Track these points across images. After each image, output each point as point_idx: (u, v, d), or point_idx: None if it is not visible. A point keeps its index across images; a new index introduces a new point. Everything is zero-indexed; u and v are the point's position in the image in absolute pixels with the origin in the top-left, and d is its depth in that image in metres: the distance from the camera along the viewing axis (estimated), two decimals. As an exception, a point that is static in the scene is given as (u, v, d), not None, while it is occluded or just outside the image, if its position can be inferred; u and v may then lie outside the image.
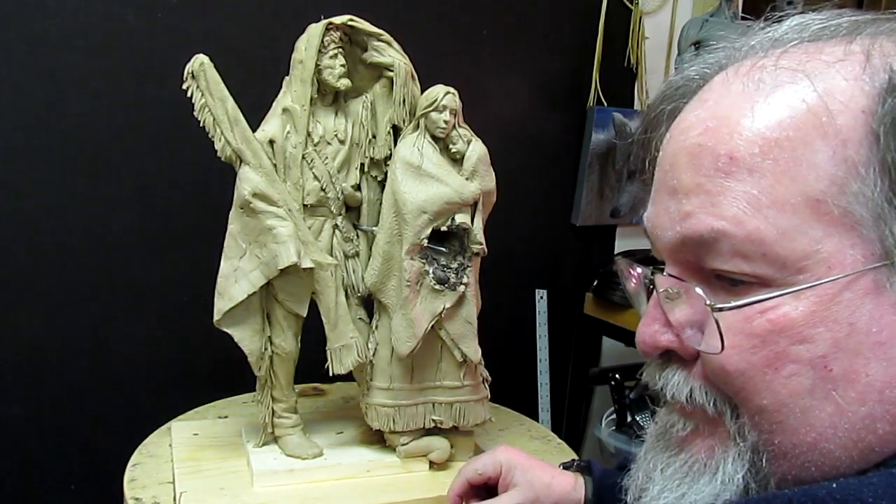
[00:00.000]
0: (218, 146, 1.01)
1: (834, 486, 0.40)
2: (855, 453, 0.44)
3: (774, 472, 0.46)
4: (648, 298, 0.54)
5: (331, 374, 1.07)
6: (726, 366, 0.46)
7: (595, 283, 1.91)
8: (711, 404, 0.48)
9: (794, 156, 0.44)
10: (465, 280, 1.08)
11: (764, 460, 0.46)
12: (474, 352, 1.11)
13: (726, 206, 0.45)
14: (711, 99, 0.49)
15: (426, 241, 1.05)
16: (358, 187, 1.09)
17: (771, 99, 0.45)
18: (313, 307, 1.07)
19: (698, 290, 0.47)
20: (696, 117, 0.49)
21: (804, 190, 0.43)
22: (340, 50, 1.04)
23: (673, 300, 0.49)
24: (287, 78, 1.05)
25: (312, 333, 1.09)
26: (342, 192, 1.07)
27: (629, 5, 1.95)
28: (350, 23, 1.04)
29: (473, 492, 0.88)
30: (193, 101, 0.99)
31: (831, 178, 0.43)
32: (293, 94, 1.03)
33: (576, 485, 0.85)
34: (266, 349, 1.07)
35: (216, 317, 1.04)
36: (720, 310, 0.46)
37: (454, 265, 1.08)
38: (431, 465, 1.13)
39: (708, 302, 0.47)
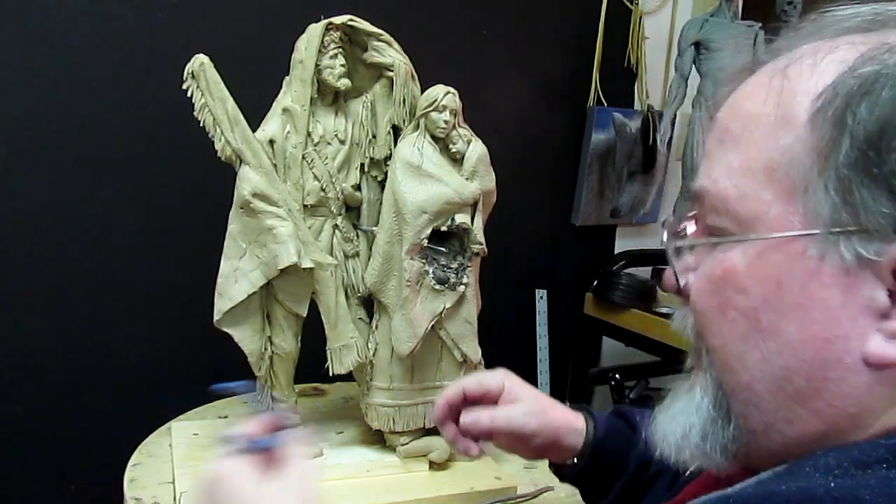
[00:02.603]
0: (218, 146, 1.01)
1: (832, 485, 0.43)
2: (780, 399, 0.49)
3: (732, 407, 0.52)
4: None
5: (331, 374, 1.07)
6: (696, 305, 0.53)
7: (595, 283, 1.91)
8: (694, 339, 0.56)
9: (765, 131, 0.49)
10: (465, 280, 1.08)
11: (721, 393, 0.53)
12: (474, 352, 1.11)
13: (714, 168, 0.52)
14: (748, 81, 0.55)
15: (426, 241, 1.05)
16: (358, 187, 1.09)
17: (765, 81, 0.51)
18: (313, 307, 1.07)
19: (686, 228, 0.56)
20: (731, 97, 0.55)
21: (765, 158, 0.49)
22: (340, 50, 1.04)
23: (684, 250, 0.57)
24: (287, 78, 1.05)
25: (312, 333, 1.09)
26: (342, 192, 1.07)
27: (629, 5, 1.95)
28: (350, 23, 1.04)
29: (467, 405, 0.84)
30: (193, 101, 0.99)
31: (786, 151, 0.48)
32: (293, 94, 1.03)
33: (577, 417, 0.85)
34: (266, 349, 1.07)
35: (216, 317, 1.04)
36: (691, 247, 0.55)
37: (454, 265, 1.08)
38: (431, 465, 1.13)
39: (678, 240, 0.56)
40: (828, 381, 0.47)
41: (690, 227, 0.58)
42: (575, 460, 0.83)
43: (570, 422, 0.84)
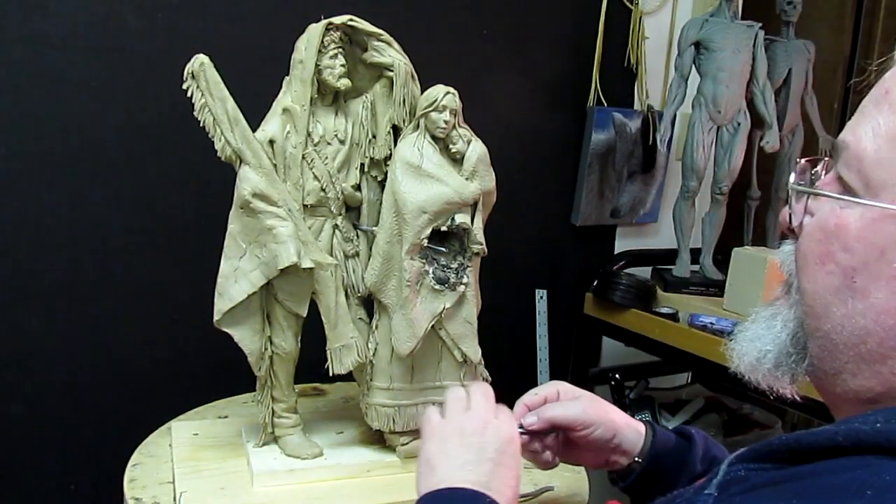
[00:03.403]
0: (218, 146, 1.01)
1: (877, 425, 0.47)
2: (852, 353, 0.52)
3: (809, 348, 0.57)
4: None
5: (331, 374, 1.07)
6: (801, 246, 0.57)
7: (595, 283, 1.91)
8: (789, 274, 0.59)
9: None
10: (465, 280, 1.08)
11: (801, 333, 0.57)
12: (474, 352, 1.11)
13: (861, 126, 0.53)
14: None
15: (426, 241, 1.05)
16: (358, 187, 1.09)
17: None
18: (313, 307, 1.07)
19: (798, 170, 0.59)
20: None
21: None
22: (340, 50, 1.04)
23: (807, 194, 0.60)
24: (287, 78, 1.05)
25: (312, 333, 1.09)
26: (342, 192, 1.07)
27: (629, 5, 1.95)
28: (350, 23, 1.04)
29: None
30: (193, 101, 0.99)
31: None
32: (293, 94, 1.03)
33: (636, 421, 0.87)
34: (266, 349, 1.07)
35: (216, 317, 1.04)
36: (802, 192, 0.58)
37: (454, 265, 1.08)
38: (431, 465, 1.13)
39: (800, 183, 0.58)
40: None
41: (821, 174, 0.59)
42: (637, 460, 0.86)
43: (628, 421, 0.87)
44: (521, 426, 0.85)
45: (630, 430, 0.86)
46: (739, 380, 0.63)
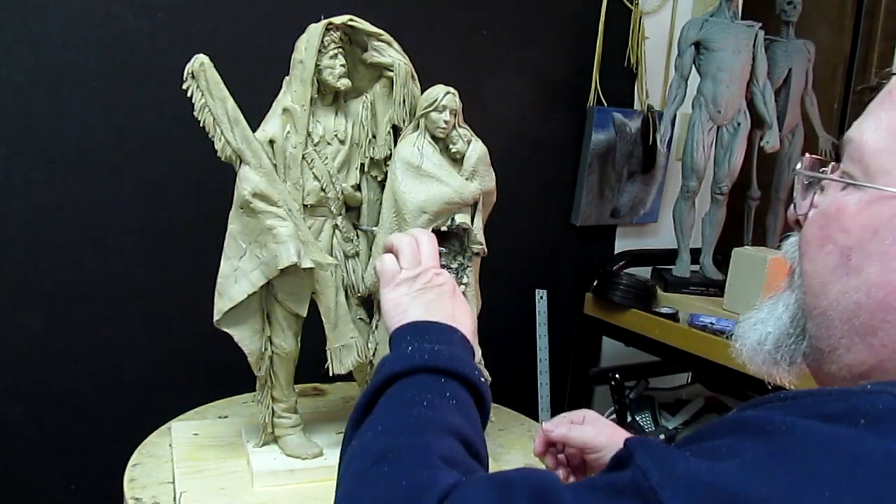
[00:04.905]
0: (218, 146, 1.01)
1: (868, 386, 0.50)
2: (846, 327, 0.56)
3: (807, 328, 0.60)
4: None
5: (331, 374, 1.07)
6: (804, 233, 0.60)
7: (595, 283, 1.91)
8: (792, 261, 0.62)
9: None
10: (465, 280, 1.08)
11: (801, 313, 0.60)
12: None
13: (864, 122, 0.57)
14: None
15: (426, 241, 1.05)
16: (358, 187, 1.09)
17: None
18: (313, 307, 1.07)
19: (806, 161, 0.62)
20: None
21: None
22: (340, 50, 1.04)
23: (813, 186, 0.63)
24: (287, 78, 1.05)
25: (312, 333, 1.09)
26: (342, 192, 1.07)
27: (629, 5, 1.96)
28: (350, 23, 1.04)
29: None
30: (193, 101, 0.99)
31: None
32: (293, 94, 1.03)
33: None
34: (266, 349, 1.07)
35: (216, 317, 1.04)
36: (821, 187, 0.61)
37: (454, 265, 1.08)
38: (431, 465, 1.13)
39: (809, 170, 0.62)
40: (886, 324, 0.53)
41: (828, 173, 0.62)
42: None
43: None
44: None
45: None
46: (739, 379, 0.64)
